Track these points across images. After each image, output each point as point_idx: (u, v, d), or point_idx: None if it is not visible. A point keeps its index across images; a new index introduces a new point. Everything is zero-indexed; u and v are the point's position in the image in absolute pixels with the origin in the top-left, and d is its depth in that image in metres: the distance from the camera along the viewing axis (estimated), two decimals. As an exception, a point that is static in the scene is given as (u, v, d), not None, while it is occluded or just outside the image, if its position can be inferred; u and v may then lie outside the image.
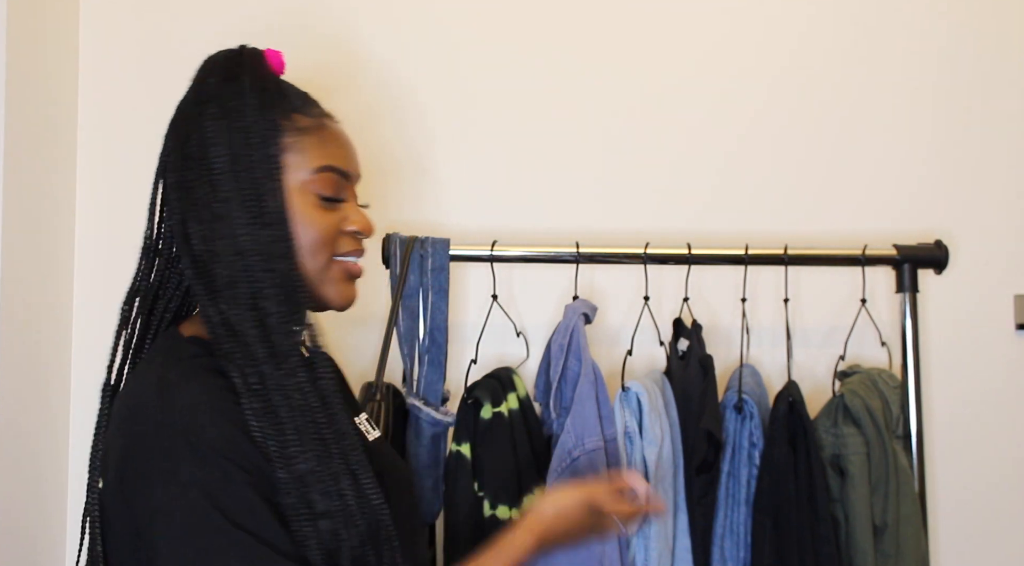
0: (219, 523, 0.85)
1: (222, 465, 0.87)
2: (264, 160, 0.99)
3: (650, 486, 1.23)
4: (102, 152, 1.65)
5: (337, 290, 1.04)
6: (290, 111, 1.02)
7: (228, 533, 0.85)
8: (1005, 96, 1.76)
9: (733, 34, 1.74)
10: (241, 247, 0.96)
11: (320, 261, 1.02)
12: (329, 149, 1.04)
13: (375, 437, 1.14)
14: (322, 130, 1.04)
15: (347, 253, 1.05)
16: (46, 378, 1.55)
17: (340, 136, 1.07)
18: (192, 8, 1.68)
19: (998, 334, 1.73)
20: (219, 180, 0.98)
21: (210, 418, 0.89)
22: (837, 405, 1.49)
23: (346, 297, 1.06)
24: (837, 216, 1.72)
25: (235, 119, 0.99)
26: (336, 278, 1.04)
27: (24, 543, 1.48)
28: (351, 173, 1.06)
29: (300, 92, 1.07)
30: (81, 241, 1.64)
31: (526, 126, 1.70)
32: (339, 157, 1.04)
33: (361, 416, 1.15)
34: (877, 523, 1.45)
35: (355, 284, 1.07)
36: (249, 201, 0.97)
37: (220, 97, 1.01)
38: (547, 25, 1.72)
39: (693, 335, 1.55)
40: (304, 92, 1.07)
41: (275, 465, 0.89)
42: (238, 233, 0.96)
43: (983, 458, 1.72)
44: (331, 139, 1.05)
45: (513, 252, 1.53)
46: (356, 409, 1.18)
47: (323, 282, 1.03)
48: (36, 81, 1.51)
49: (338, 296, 1.05)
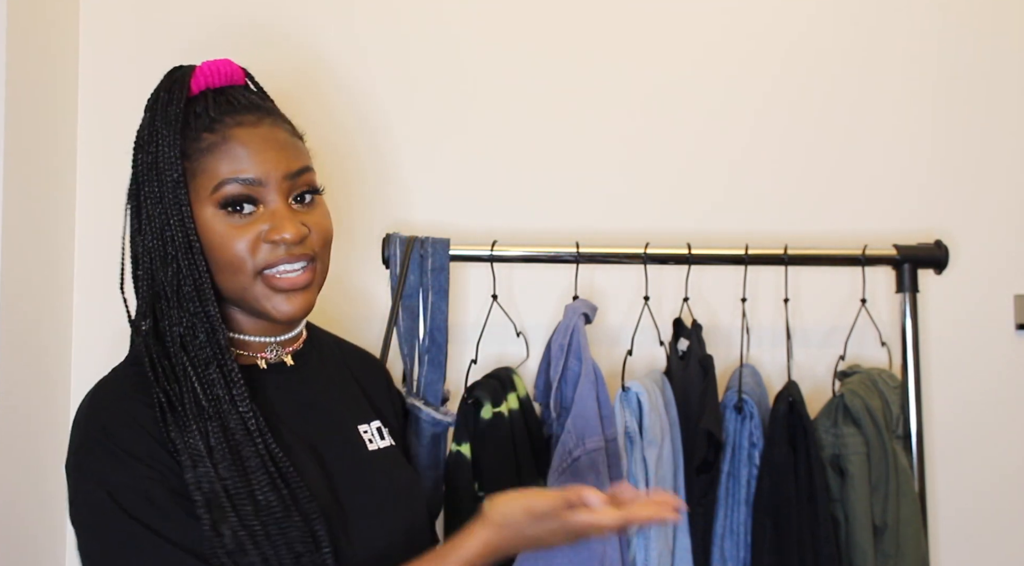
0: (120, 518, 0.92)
1: (131, 465, 0.93)
2: (170, 189, 1.00)
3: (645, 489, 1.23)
4: (102, 152, 1.64)
5: (271, 304, 1.01)
6: (199, 132, 1.01)
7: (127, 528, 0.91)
8: (1005, 96, 1.76)
9: (733, 35, 1.74)
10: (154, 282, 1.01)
11: (241, 281, 1.00)
12: (226, 161, 0.99)
13: (382, 446, 1.11)
14: (224, 143, 1.00)
15: (273, 263, 0.99)
16: (46, 378, 1.55)
17: (244, 141, 1.00)
18: (192, 8, 1.68)
19: (998, 334, 1.73)
20: (138, 204, 1.04)
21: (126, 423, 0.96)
22: (837, 405, 1.49)
23: (281, 311, 1.01)
24: (837, 216, 1.72)
25: (146, 152, 1.04)
26: (266, 294, 1.00)
27: (24, 543, 1.48)
28: (258, 177, 0.99)
29: (220, 105, 1.03)
30: (81, 241, 1.64)
31: (526, 126, 1.70)
32: (238, 166, 0.99)
33: (372, 425, 1.12)
34: (877, 523, 1.45)
35: (300, 295, 1.01)
36: (156, 238, 1.01)
37: (142, 128, 1.06)
38: (547, 25, 1.72)
39: (693, 335, 1.55)
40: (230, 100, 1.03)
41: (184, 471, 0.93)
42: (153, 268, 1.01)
43: (983, 458, 1.72)
44: (231, 149, 1.00)
45: (513, 252, 1.53)
46: (368, 416, 1.14)
47: (254, 298, 1.01)
48: (36, 81, 1.51)
49: (273, 311, 1.01)
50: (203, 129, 1.01)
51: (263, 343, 1.08)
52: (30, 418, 1.50)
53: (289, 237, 0.99)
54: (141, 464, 0.93)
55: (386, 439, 1.13)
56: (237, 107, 1.03)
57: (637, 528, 1.38)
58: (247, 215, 0.99)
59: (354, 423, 1.11)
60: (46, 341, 1.55)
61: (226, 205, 0.99)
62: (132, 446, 0.94)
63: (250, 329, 1.07)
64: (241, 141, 1.00)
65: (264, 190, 1.00)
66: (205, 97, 1.04)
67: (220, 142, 1.00)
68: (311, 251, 1.02)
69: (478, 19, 1.71)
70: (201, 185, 1.00)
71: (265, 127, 1.02)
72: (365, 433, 1.10)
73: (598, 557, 1.30)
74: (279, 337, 1.08)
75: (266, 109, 1.05)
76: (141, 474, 0.93)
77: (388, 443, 1.13)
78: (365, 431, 1.11)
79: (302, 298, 1.02)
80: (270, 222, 0.99)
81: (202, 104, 1.03)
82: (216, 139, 1.00)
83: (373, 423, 1.13)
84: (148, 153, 1.03)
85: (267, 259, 0.99)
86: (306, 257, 1.02)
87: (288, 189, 1.01)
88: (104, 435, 0.96)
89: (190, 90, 1.04)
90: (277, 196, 1.00)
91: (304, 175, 1.03)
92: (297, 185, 1.02)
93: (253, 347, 1.08)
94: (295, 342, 1.11)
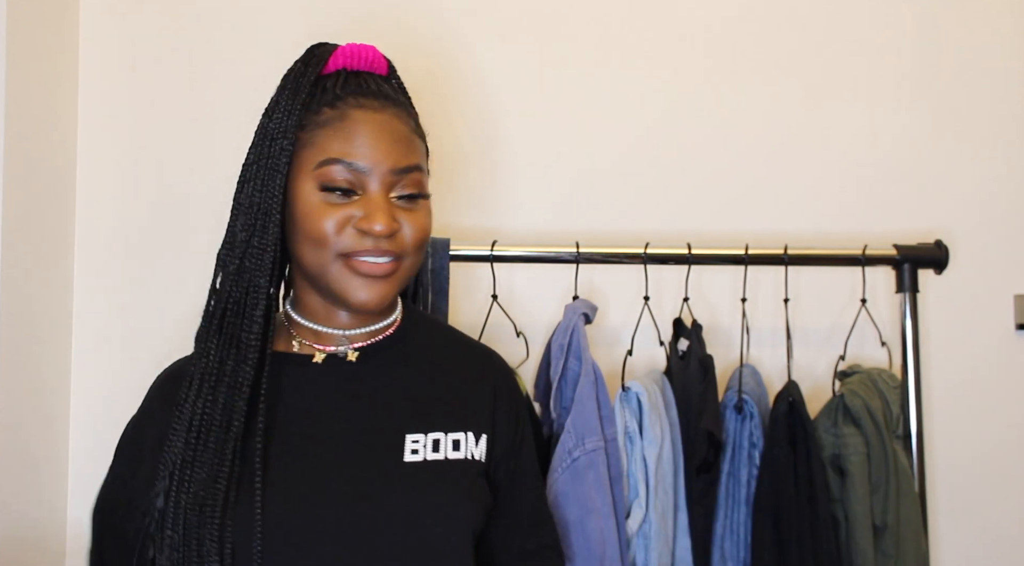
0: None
1: (114, 461, 1.08)
2: (275, 155, 1.01)
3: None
4: (102, 152, 1.65)
5: (349, 288, 1.00)
6: (321, 106, 1.01)
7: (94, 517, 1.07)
8: (1006, 96, 1.76)
9: (733, 35, 1.74)
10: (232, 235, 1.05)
11: (322, 257, 1.00)
12: (338, 140, 0.99)
13: (430, 459, 1.02)
14: (340, 121, 1.00)
15: (357, 250, 0.99)
16: (46, 378, 1.55)
17: (363, 126, 1.00)
18: (192, 8, 1.68)
19: (998, 334, 1.73)
20: (246, 165, 1.05)
21: (136, 418, 1.10)
22: (837, 405, 1.49)
23: (358, 298, 1.00)
24: (837, 216, 1.72)
25: (266, 117, 1.05)
26: (346, 276, 1.00)
27: (24, 543, 1.48)
28: (367, 166, 0.99)
29: (351, 85, 1.03)
30: (81, 241, 1.64)
31: (526, 126, 1.70)
32: (351, 149, 0.99)
33: (431, 436, 1.03)
34: (877, 523, 1.45)
35: (380, 284, 1.00)
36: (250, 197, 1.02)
37: (276, 94, 1.06)
38: (547, 23, 1.72)
39: (693, 335, 1.55)
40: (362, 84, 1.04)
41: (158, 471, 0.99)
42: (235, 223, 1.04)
43: (983, 458, 1.72)
44: (347, 131, 0.99)
45: (513, 252, 1.53)
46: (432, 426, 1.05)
47: (333, 279, 1.00)
48: (36, 81, 1.51)
49: (352, 294, 1.00)
50: (325, 103, 1.02)
51: (330, 335, 1.06)
52: (30, 418, 1.50)
53: (379, 229, 0.98)
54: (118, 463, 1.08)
55: (444, 450, 1.03)
56: (364, 90, 1.03)
57: (637, 527, 1.38)
58: (345, 196, 0.99)
59: (403, 431, 1.03)
60: (46, 341, 1.55)
61: (327, 184, 0.99)
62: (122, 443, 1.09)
63: (322, 317, 1.06)
64: (357, 123, 1.00)
65: (367, 178, 0.99)
66: (338, 75, 1.04)
67: (336, 119, 1.00)
68: (400, 249, 1.01)
69: (476, 18, 1.71)
70: (308, 157, 1.00)
71: (385, 116, 1.02)
72: (415, 443, 1.02)
73: (598, 557, 1.29)
74: (349, 331, 1.06)
75: (393, 99, 1.04)
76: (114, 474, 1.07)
77: (443, 456, 1.03)
78: (416, 440, 1.02)
79: (382, 287, 1.00)
80: (364, 210, 0.99)
81: (333, 81, 1.04)
82: (334, 115, 1.01)
83: (434, 434, 1.04)
84: (266, 118, 1.05)
85: (351, 245, 0.99)
86: (392, 253, 1.00)
87: (392, 183, 1.01)
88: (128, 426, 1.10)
89: (326, 66, 1.05)
90: (379, 187, 1.00)
91: (412, 173, 1.02)
92: (403, 182, 1.01)
93: (319, 337, 1.06)
94: (371, 336, 1.08)
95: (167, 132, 1.66)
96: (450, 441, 1.04)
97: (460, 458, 1.04)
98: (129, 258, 1.65)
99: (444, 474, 1.03)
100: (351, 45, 1.07)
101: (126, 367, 1.61)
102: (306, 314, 1.07)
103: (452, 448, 1.04)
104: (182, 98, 1.66)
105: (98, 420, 1.61)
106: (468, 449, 1.05)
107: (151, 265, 1.64)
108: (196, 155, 1.66)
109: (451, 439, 1.05)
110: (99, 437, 1.60)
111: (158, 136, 1.66)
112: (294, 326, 1.09)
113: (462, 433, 1.06)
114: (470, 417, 1.08)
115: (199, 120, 1.66)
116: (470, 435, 1.06)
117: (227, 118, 1.66)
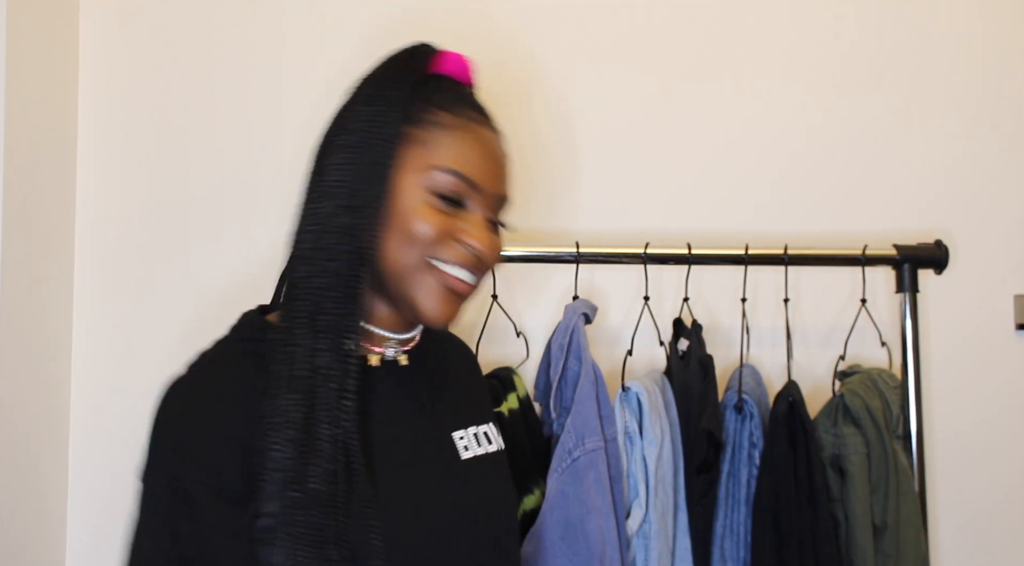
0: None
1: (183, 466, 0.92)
2: (383, 140, 0.96)
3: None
4: (102, 152, 1.65)
5: (428, 297, 0.96)
6: (436, 107, 0.99)
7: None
8: (1006, 96, 1.76)
9: (734, 36, 1.74)
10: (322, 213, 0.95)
11: (411, 257, 0.95)
12: (459, 152, 0.97)
13: (479, 453, 1.04)
14: (462, 132, 0.98)
15: (449, 261, 0.96)
16: (46, 378, 1.55)
17: (482, 145, 0.99)
18: (192, 8, 1.68)
19: (998, 334, 1.73)
20: (336, 147, 0.97)
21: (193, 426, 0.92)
22: (837, 405, 1.49)
23: (437, 311, 0.97)
24: (837, 216, 1.73)
25: (363, 103, 0.99)
26: (428, 284, 0.96)
27: (25, 542, 1.48)
28: (480, 185, 0.98)
29: (465, 97, 1.01)
30: (81, 241, 1.64)
31: (526, 126, 1.70)
32: (469, 164, 0.97)
33: (469, 431, 1.05)
34: (877, 523, 1.45)
35: (457, 301, 0.98)
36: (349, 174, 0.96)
37: (376, 80, 1.01)
38: (546, 23, 1.72)
39: (693, 335, 1.55)
40: (473, 100, 1.02)
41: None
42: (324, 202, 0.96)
43: (983, 458, 1.72)
44: (468, 144, 0.98)
45: (513, 252, 1.53)
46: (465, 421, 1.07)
47: (412, 284, 0.96)
48: (36, 81, 1.51)
49: (429, 305, 0.96)
50: (442, 106, 0.99)
51: (385, 338, 1.03)
52: (30, 418, 1.50)
53: (481, 249, 0.97)
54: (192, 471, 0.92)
55: (483, 444, 1.06)
56: (476, 106, 1.02)
57: (637, 527, 1.38)
58: (452, 206, 0.97)
59: (449, 429, 1.04)
60: (46, 341, 1.55)
61: (438, 189, 0.96)
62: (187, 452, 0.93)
63: (381, 320, 1.02)
64: (482, 141, 0.99)
65: (478, 197, 0.98)
66: (442, 79, 1.02)
67: (460, 128, 0.98)
68: (484, 270, 1.00)
69: (474, 16, 1.71)
70: (419, 155, 0.97)
71: (499, 142, 1.02)
72: (461, 440, 1.03)
73: (598, 557, 1.29)
74: (402, 334, 1.04)
75: (494, 120, 1.04)
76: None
77: (485, 449, 1.05)
78: (461, 437, 1.04)
79: (457, 305, 0.99)
80: (470, 225, 0.97)
81: (442, 83, 1.01)
82: (458, 122, 0.98)
83: (471, 429, 1.06)
84: (363, 103, 0.99)
85: (445, 252, 0.96)
86: (479, 272, 0.99)
87: (492, 207, 1.00)
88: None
89: (431, 66, 1.02)
90: (484, 208, 0.99)
91: (505, 204, 1.03)
92: (500, 209, 1.02)
93: (375, 339, 1.02)
94: (411, 341, 1.07)
95: (167, 132, 1.66)
96: (483, 434, 1.07)
97: (496, 449, 1.07)
98: (129, 258, 1.65)
99: (495, 466, 1.06)
100: (455, 53, 1.04)
101: (126, 366, 1.61)
102: (371, 317, 1.02)
103: (487, 441, 1.07)
104: (182, 98, 1.66)
105: (98, 421, 1.61)
106: (496, 440, 1.09)
107: (151, 265, 1.64)
108: (196, 155, 1.66)
109: (482, 432, 1.07)
110: (99, 437, 1.61)
111: (158, 135, 1.66)
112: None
113: (487, 425, 1.09)
114: (483, 408, 1.12)
115: (199, 119, 1.66)
116: (492, 425, 1.10)
117: (228, 118, 1.66)
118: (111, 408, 1.61)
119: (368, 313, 1.00)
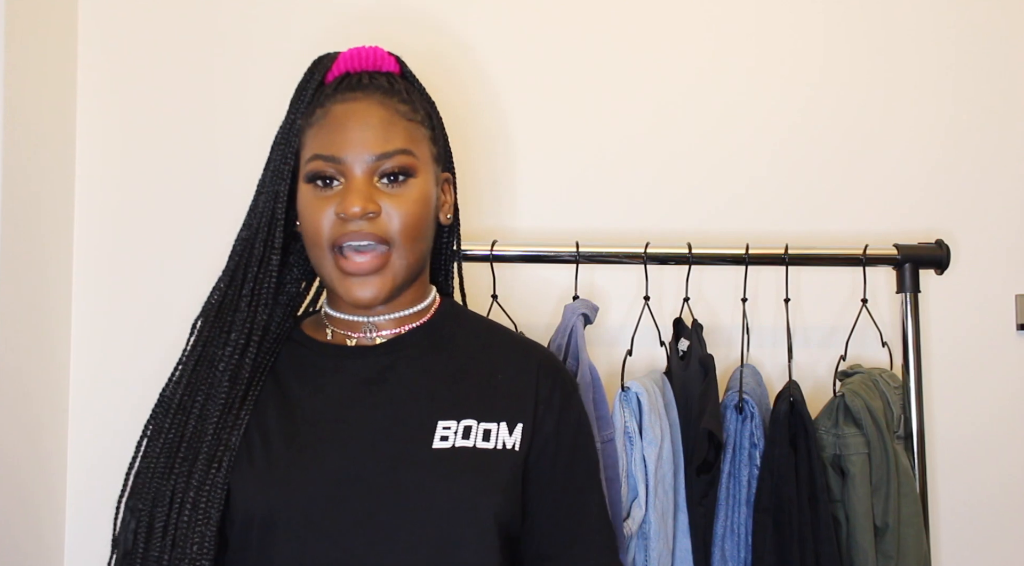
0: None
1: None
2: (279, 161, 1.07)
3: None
4: (102, 152, 1.64)
5: (342, 288, 1.04)
6: (315, 107, 1.05)
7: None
8: (1007, 95, 1.76)
9: (734, 37, 1.74)
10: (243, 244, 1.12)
11: (319, 256, 1.04)
12: (319, 136, 1.03)
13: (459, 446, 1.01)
14: (323, 119, 1.04)
15: (341, 243, 1.01)
16: (46, 375, 1.55)
17: (339, 119, 1.03)
18: (191, 8, 1.67)
19: (999, 334, 1.73)
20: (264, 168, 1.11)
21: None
22: (838, 405, 1.49)
23: (352, 296, 1.03)
24: (838, 216, 1.72)
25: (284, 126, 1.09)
26: (336, 276, 1.04)
27: (24, 542, 1.48)
28: (338, 156, 1.01)
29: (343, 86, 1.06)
30: (79, 240, 1.64)
31: (526, 125, 1.70)
32: (327, 142, 1.02)
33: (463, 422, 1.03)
34: (878, 524, 1.45)
35: (370, 281, 1.01)
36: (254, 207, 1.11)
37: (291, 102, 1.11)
38: (546, 22, 1.72)
39: (693, 335, 1.55)
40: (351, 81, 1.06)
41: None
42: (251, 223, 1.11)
43: (985, 458, 1.71)
44: (326, 125, 1.03)
45: (513, 252, 1.53)
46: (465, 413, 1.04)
47: (329, 279, 1.05)
48: (35, 81, 1.51)
49: (341, 291, 1.04)
50: (317, 105, 1.05)
51: (357, 323, 1.10)
52: (30, 415, 1.50)
53: (356, 211, 0.98)
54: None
55: (474, 439, 1.02)
56: (352, 86, 1.05)
57: (636, 527, 1.38)
58: (330, 189, 1.02)
59: (435, 417, 1.03)
60: (46, 338, 1.55)
61: (312, 179, 1.03)
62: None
63: (343, 307, 1.10)
64: (334, 117, 1.03)
65: (345, 167, 1.01)
66: (338, 79, 1.07)
67: (321, 118, 1.04)
68: (382, 232, 1.01)
69: (474, 16, 1.71)
70: (302, 159, 1.05)
71: (364, 104, 1.03)
72: (446, 429, 1.02)
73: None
74: (372, 318, 1.09)
75: (383, 89, 1.05)
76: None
77: (473, 444, 1.02)
78: (447, 427, 1.02)
79: (375, 284, 1.02)
80: (342, 195, 1.01)
81: (332, 85, 1.07)
82: (320, 114, 1.04)
83: (467, 421, 1.03)
84: (281, 128, 1.09)
85: (336, 233, 1.01)
86: (374, 237, 1.01)
87: (375, 168, 1.02)
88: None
89: (329, 73, 1.08)
90: (360, 174, 1.01)
91: (396, 156, 1.02)
92: (386, 165, 1.02)
93: (349, 326, 1.10)
94: (399, 323, 1.10)
95: (167, 131, 1.66)
96: (481, 430, 1.04)
97: (490, 448, 1.03)
98: (128, 257, 1.65)
99: (472, 462, 1.02)
100: (353, 48, 1.08)
101: (125, 365, 1.61)
102: (333, 305, 1.12)
103: (482, 438, 1.03)
104: (182, 97, 1.66)
105: (98, 419, 1.61)
106: (500, 439, 1.04)
107: (151, 265, 1.64)
108: (196, 154, 1.66)
109: (483, 428, 1.04)
110: (99, 436, 1.60)
111: (157, 135, 1.66)
112: (327, 317, 1.13)
113: (495, 423, 1.05)
114: (506, 407, 1.06)
115: (199, 119, 1.66)
116: (503, 425, 1.05)
117: (228, 117, 1.66)
118: (110, 407, 1.60)
119: (335, 302, 1.11)
